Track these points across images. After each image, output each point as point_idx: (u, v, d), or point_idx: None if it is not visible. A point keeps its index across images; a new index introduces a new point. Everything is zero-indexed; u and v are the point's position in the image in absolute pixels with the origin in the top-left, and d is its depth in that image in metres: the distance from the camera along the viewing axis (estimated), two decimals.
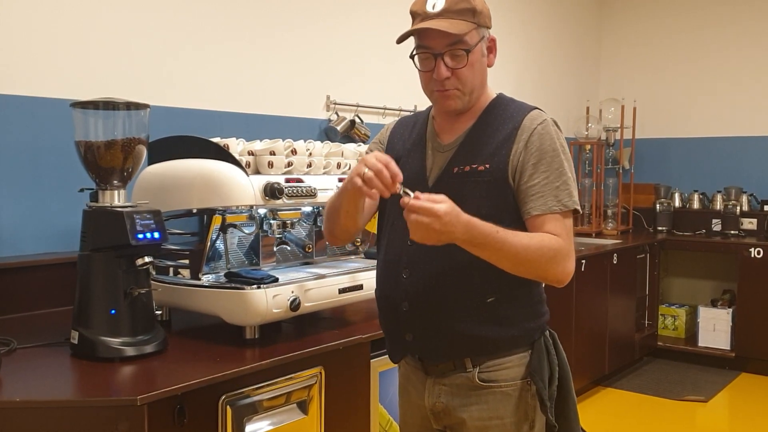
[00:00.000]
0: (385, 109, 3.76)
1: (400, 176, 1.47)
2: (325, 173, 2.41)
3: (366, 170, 1.47)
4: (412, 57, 1.62)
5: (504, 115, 1.64)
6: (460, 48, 1.56)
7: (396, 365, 1.82)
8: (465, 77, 1.59)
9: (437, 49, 1.57)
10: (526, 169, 1.57)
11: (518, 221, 1.60)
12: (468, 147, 1.63)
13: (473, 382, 1.63)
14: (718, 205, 5.38)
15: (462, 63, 1.57)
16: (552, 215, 1.56)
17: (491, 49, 1.66)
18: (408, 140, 1.75)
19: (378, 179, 1.46)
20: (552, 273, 1.55)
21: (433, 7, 1.57)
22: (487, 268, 1.54)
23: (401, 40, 1.61)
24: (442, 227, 1.41)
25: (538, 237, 1.54)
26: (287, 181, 2.17)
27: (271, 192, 2.08)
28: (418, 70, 1.63)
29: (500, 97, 1.71)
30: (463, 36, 1.55)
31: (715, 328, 5.10)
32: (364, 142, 3.48)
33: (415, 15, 1.61)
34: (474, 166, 1.60)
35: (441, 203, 1.42)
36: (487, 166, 1.59)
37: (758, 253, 4.85)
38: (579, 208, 1.61)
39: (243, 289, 2.05)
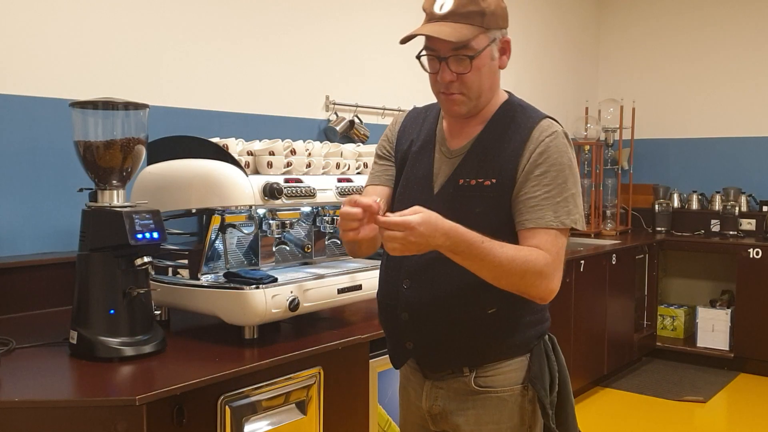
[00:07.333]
0: (385, 109, 3.76)
1: (374, 206, 1.40)
2: (324, 173, 2.41)
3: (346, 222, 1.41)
4: (418, 57, 1.57)
5: (513, 124, 1.59)
6: (464, 53, 1.51)
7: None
8: (470, 82, 1.54)
9: (442, 52, 1.52)
10: (529, 179, 1.53)
11: None
12: (475, 157, 1.59)
13: (470, 387, 1.62)
14: (717, 205, 5.38)
15: (466, 68, 1.52)
16: (546, 230, 1.51)
17: (504, 50, 1.59)
18: (417, 140, 1.70)
19: (356, 223, 1.40)
20: (534, 289, 1.49)
21: (440, 8, 1.51)
22: None
23: (405, 41, 1.56)
24: (418, 238, 1.36)
25: (526, 251, 1.48)
26: (286, 181, 2.17)
27: (270, 192, 2.08)
28: (425, 71, 1.59)
29: (510, 101, 1.65)
30: (468, 42, 1.50)
31: (714, 329, 5.10)
32: (363, 143, 3.48)
33: (425, 13, 1.56)
34: (480, 180, 1.56)
35: (414, 214, 1.37)
36: (494, 180, 1.55)
37: (757, 253, 4.85)
38: (580, 226, 1.55)
39: (242, 289, 2.05)
